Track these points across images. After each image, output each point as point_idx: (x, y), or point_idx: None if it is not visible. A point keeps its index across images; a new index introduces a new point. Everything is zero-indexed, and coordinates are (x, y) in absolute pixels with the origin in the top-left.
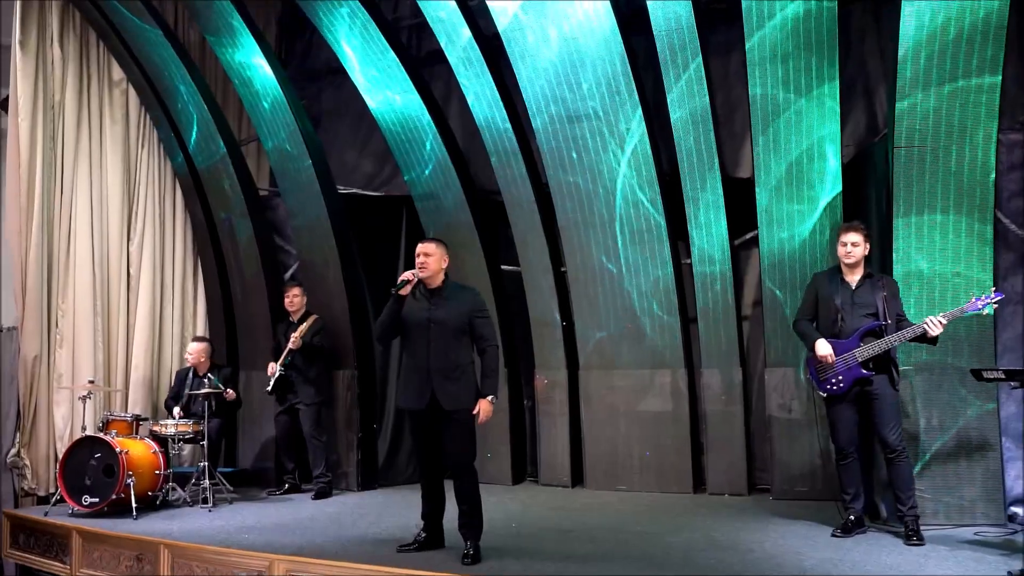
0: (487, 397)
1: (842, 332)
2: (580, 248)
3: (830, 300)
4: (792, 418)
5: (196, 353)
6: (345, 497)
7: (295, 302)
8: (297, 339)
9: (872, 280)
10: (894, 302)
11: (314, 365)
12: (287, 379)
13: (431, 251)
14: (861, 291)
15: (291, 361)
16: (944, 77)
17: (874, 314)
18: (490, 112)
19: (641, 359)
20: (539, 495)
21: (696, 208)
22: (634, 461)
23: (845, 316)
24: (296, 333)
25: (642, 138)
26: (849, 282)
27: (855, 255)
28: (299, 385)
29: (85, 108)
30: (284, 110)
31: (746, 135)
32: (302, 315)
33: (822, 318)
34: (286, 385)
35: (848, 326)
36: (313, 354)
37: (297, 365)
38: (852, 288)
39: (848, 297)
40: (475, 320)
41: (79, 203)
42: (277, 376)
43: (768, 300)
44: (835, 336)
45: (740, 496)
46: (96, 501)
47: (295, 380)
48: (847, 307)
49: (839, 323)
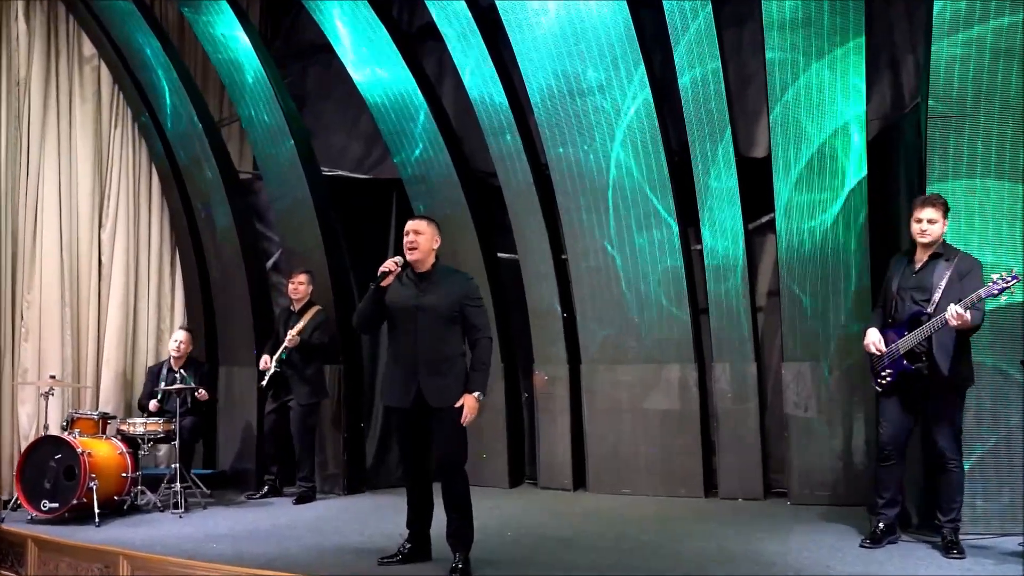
0: (473, 393)
1: (897, 319)
2: (582, 233)
3: (891, 284)
4: (811, 416)
5: (186, 341)
6: (329, 501)
7: (300, 289)
8: (295, 337)
9: (939, 260)
10: (959, 284)
11: (312, 363)
12: (282, 376)
13: (422, 229)
14: (922, 273)
15: (287, 357)
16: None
17: (928, 299)
18: (485, 87)
19: (647, 353)
20: (538, 499)
21: (707, 190)
22: (640, 462)
23: (899, 301)
24: (294, 330)
25: (649, 114)
26: (915, 263)
27: (931, 233)
28: (294, 383)
29: (53, 86)
30: (264, 85)
31: (761, 111)
32: (304, 305)
33: (886, 304)
34: (280, 382)
35: (902, 313)
36: (312, 351)
37: (293, 362)
38: (914, 270)
39: (908, 279)
40: (467, 308)
41: (46, 187)
42: (272, 372)
43: (786, 293)
44: (892, 324)
45: (755, 500)
46: (56, 506)
47: (290, 377)
48: (904, 291)
49: (894, 309)
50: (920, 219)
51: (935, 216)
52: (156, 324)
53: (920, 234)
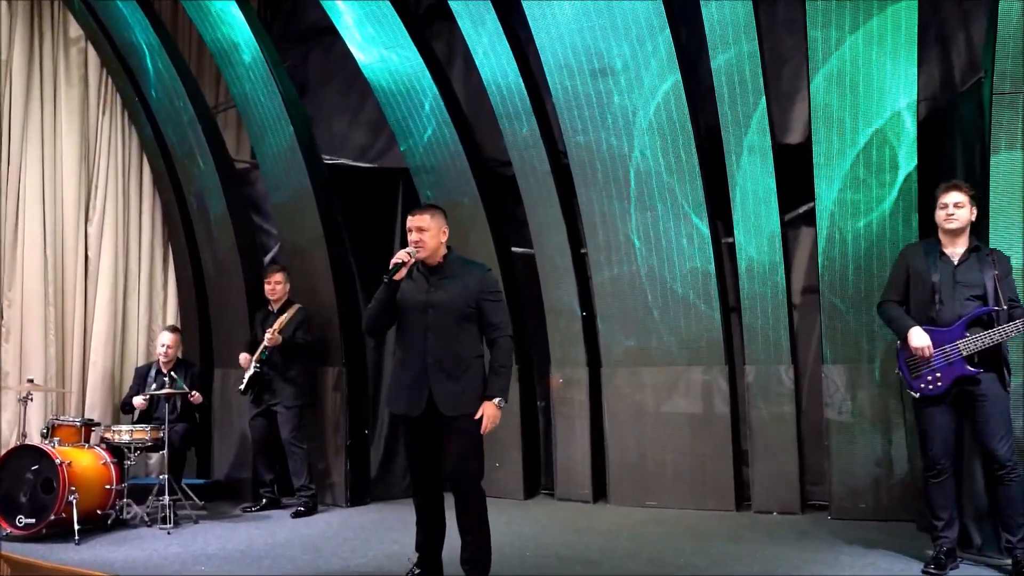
0: (493, 400)
1: (940, 318)
2: (603, 226)
3: (926, 277)
4: (853, 422)
5: (173, 344)
6: (331, 514)
7: (276, 289)
8: (274, 335)
9: (979, 254)
10: (1006, 282)
11: (295, 363)
12: (263, 377)
13: (425, 224)
14: (965, 267)
15: (267, 357)
16: None
17: (981, 296)
18: (499, 67)
19: (673, 354)
20: (556, 512)
21: (740, 180)
22: (666, 472)
23: (944, 298)
24: (274, 327)
25: (678, 97)
26: (950, 255)
27: (959, 218)
28: (277, 385)
29: (36, 69)
30: (262, 66)
31: (796, 94)
32: (283, 304)
33: (915, 300)
34: (262, 384)
35: (948, 311)
36: (294, 351)
37: (275, 362)
38: (954, 263)
39: (949, 274)
40: (484, 303)
41: (29, 177)
42: (251, 374)
43: (827, 292)
44: (931, 322)
45: (792, 515)
46: (32, 522)
47: (272, 379)
48: (947, 287)
49: (936, 306)
50: (946, 204)
51: (962, 199)
52: (147, 323)
53: (947, 220)
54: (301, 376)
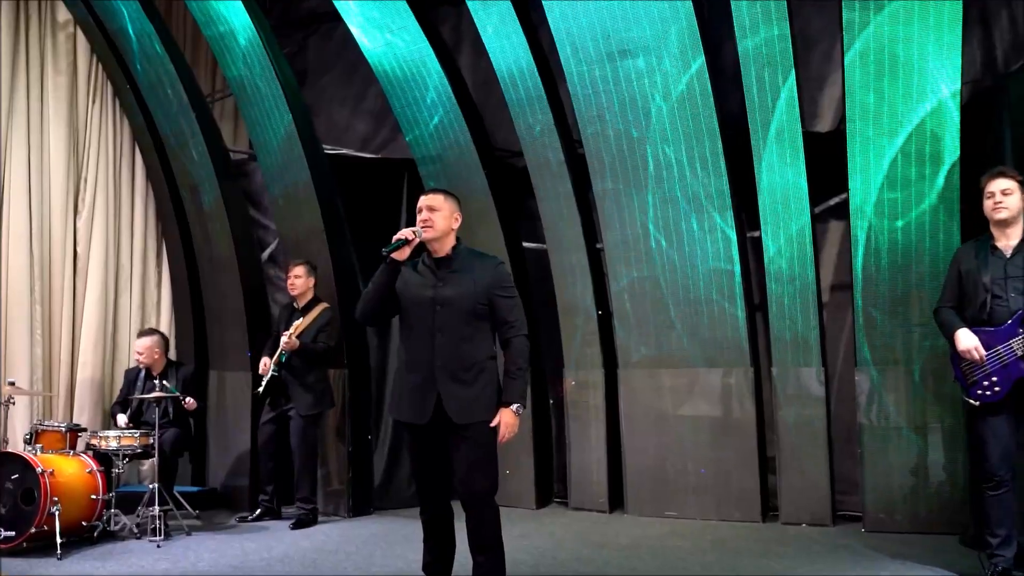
0: (511, 406)
1: (993, 317)
2: (620, 219)
3: (976, 276)
4: (888, 427)
5: (146, 350)
6: (332, 526)
7: (296, 284)
8: (291, 339)
9: None
10: None
11: (314, 369)
12: (281, 382)
13: (438, 204)
14: (1017, 260)
15: (286, 360)
16: None
17: None
18: (511, 50)
19: (695, 355)
20: (571, 523)
21: (768, 171)
22: (687, 480)
23: (996, 295)
24: (291, 330)
25: (702, 82)
26: (1002, 249)
27: (1008, 206)
28: (295, 391)
29: (22, 55)
30: (259, 49)
31: (826, 79)
32: (309, 301)
33: (968, 301)
34: (279, 388)
35: (1001, 309)
36: (315, 356)
37: (294, 366)
38: (1006, 256)
39: (1000, 269)
40: (497, 299)
41: (14, 168)
42: (270, 378)
43: (863, 291)
44: (985, 323)
45: (822, 527)
46: (12, 535)
47: (290, 384)
48: (999, 283)
49: (988, 306)
50: (992, 192)
51: (1010, 186)
52: (139, 322)
53: (995, 209)
54: (321, 383)
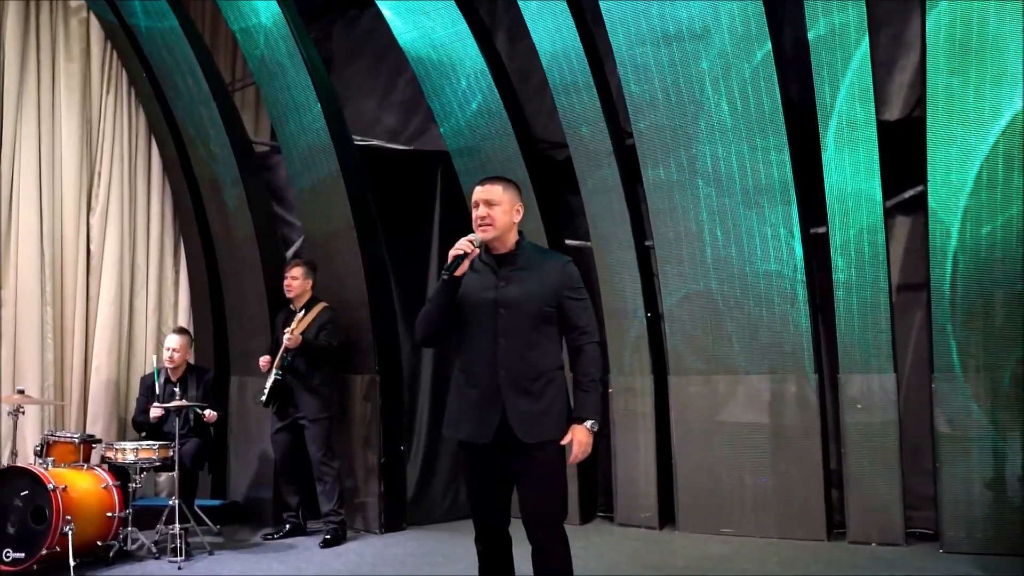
0: (584, 422)
1: None
2: (672, 215)
3: None
4: (969, 439)
5: (182, 348)
6: (363, 542)
7: (293, 286)
8: (295, 335)
9: None
10: None
11: (319, 370)
12: (285, 386)
13: (496, 197)
14: None
15: (289, 362)
16: None
17: None
18: (556, 31)
19: (754, 361)
20: (620, 541)
21: (837, 164)
22: (744, 494)
23: None
24: (293, 326)
25: (767, 66)
26: None
27: None
28: (300, 395)
29: (32, 41)
30: (284, 31)
31: (894, 65)
32: (306, 302)
33: None
34: (285, 394)
35: None
36: (316, 355)
37: (297, 369)
38: None
39: None
40: (566, 301)
41: (24, 161)
42: (272, 382)
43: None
44: None
45: (894, 546)
46: (21, 557)
47: (295, 388)
48: None
49: None
50: None
51: None
52: (155, 325)
53: None
54: (326, 385)
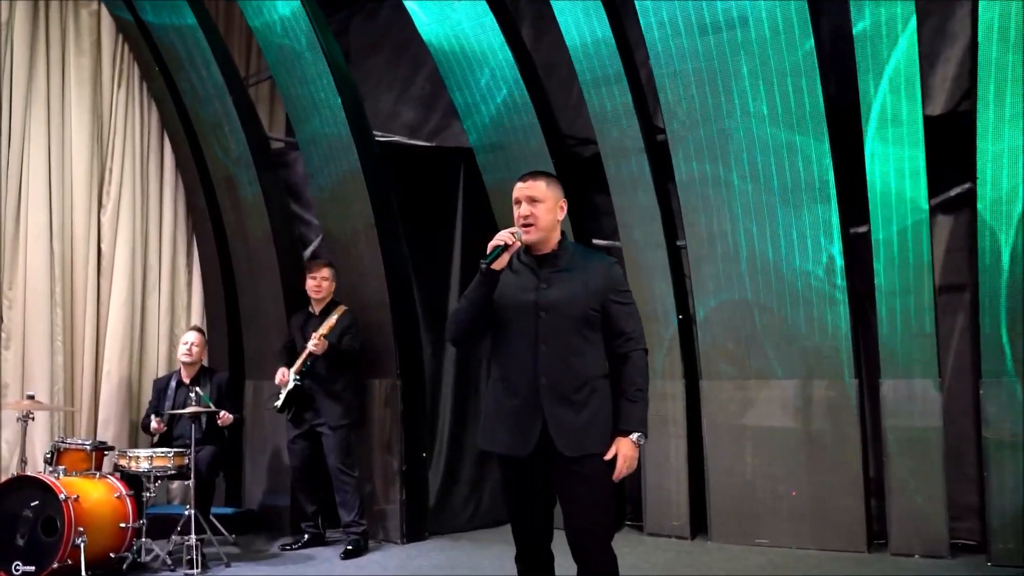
0: (630, 435)
1: None
2: (706, 212)
3: None
4: (1017, 444)
5: (201, 344)
6: (384, 552)
7: (323, 287)
8: (320, 341)
9: None
10: None
11: (342, 375)
12: (304, 392)
13: (540, 194)
14: None
15: (310, 368)
16: None
17: None
18: (586, 20)
19: (790, 364)
20: (651, 553)
21: (879, 161)
22: (780, 504)
23: None
24: (319, 331)
25: (808, 59)
26: None
27: None
28: (321, 401)
29: (41, 34)
30: (303, 20)
31: (938, 56)
32: (326, 305)
33: None
34: (303, 400)
35: None
36: (341, 360)
37: (319, 374)
38: None
39: None
40: (612, 305)
41: (33, 158)
42: (290, 388)
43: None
44: None
45: (939, 559)
46: (32, 571)
47: (315, 394)
48: None
49: None
50: None
51: None
52: (168, 327)
53: None
54: (348, 391)
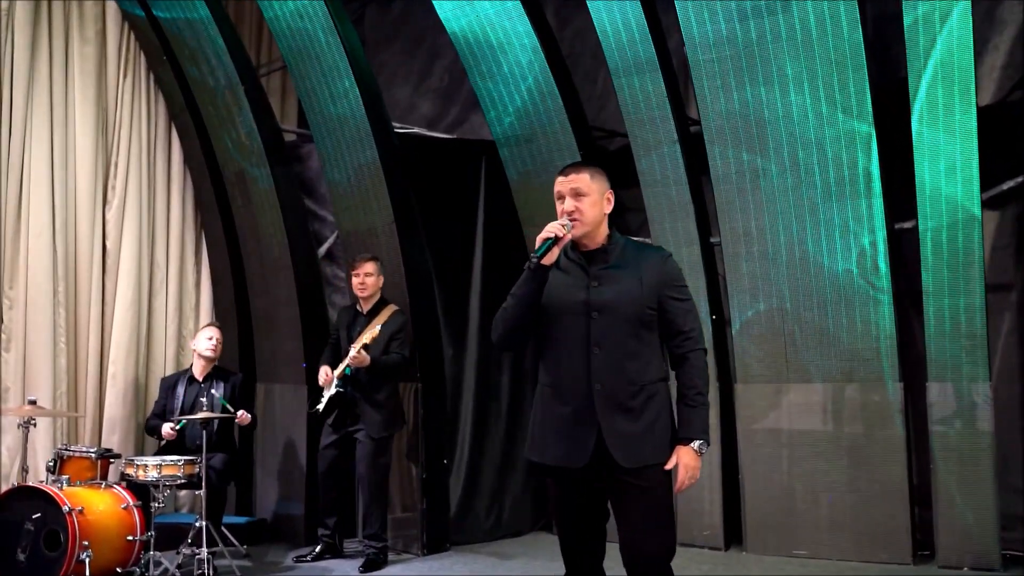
0: (691, 443)
1: None
2: (742, 207)
3: None
4: None
5: (219, 340)
6: (406, 567)
7: (368, 283)
8: (361, 354)
9: None
10: None
11: (386, 384)
12: (345, 398)
13: (584, 186)
14: None
15: (352, 374)
16: None
17: None
18: (617, 4)
19: (831, 368)
20: (685, 564)
21: (928, 152)
22: (819, 514)
23: None
24: (362, 338)
25: (855, 47)
26: None
27: None
28: (363, 409)
29: (44, 22)
30: (319, 10)
31: (986, 44)
32: (375, 304)
33: None
34: (344, 406)
35: None
36: (387, 370)
37: (361, 381)
38: None
39: None
40: (669, 302)
41: (35, 152)
42: (332, 394)
43: None
44: None
45: (990, 571)
46: None
47: (357, 401)
48: None
49: None
50: None
51: None
52: (176, 328)
53: None
54: (392, 399)
